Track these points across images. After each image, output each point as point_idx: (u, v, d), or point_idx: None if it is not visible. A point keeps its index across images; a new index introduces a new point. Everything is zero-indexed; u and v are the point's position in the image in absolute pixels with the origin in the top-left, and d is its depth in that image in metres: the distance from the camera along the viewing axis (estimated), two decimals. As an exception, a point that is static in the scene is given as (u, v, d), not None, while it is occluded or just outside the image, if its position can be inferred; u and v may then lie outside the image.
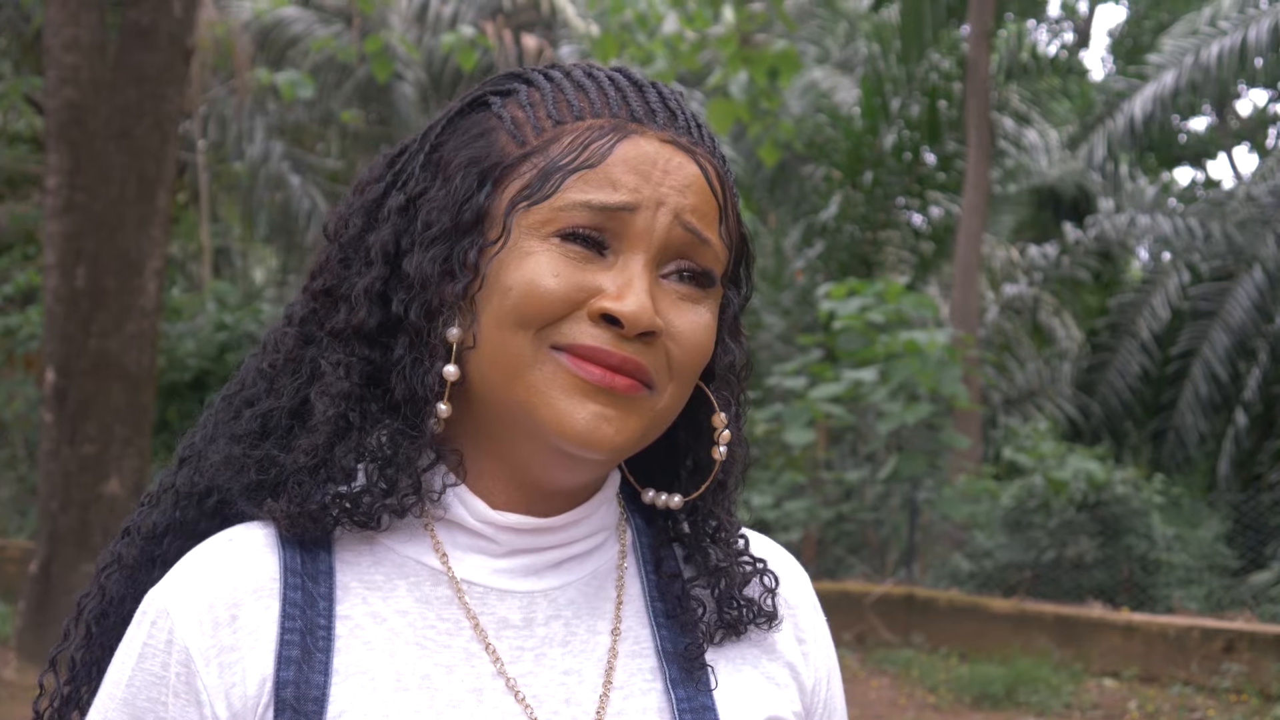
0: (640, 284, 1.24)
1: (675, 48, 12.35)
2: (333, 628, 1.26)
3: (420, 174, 1.33)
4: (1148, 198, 21.07)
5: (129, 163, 9.62)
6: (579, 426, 1.24)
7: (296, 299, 1.39)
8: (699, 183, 1.29)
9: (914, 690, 11.04)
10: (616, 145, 1.27)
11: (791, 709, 1.39)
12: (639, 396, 1.26)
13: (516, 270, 1.25)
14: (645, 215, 1.26)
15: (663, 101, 1.32)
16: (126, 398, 9.78)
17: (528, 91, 1.34)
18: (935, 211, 19.79)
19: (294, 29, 20.06)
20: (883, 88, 18.75)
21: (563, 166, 1.26)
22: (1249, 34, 18.08)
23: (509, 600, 1.31)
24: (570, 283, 1.24)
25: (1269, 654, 10.95)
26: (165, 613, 1.26)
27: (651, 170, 1.27)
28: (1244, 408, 18.30)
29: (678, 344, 1.27)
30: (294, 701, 1.22)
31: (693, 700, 1.32)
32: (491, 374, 1.26)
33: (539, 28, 21.39)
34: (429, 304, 1.28)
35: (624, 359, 1.24)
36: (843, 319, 13.96)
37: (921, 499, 13.62)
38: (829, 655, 1.48)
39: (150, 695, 1.25)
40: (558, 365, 1.24)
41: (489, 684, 1.27)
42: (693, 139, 1.31)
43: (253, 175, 19.98)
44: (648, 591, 1.38)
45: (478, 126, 1.33)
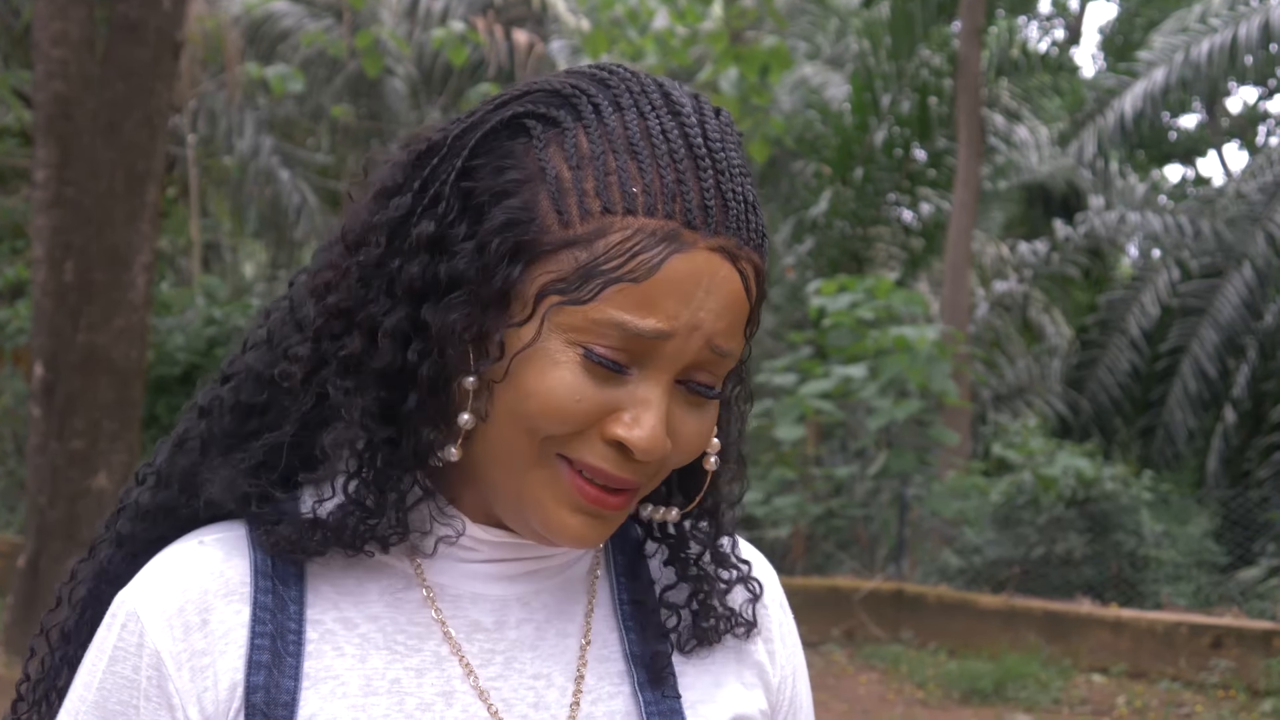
0: (658, 410, 1.21)
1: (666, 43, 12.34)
2: (303, 632, 1.26)
3: (450, 200, 1.24)
4: (1138, 195, 21.12)
5: (118, 157, 9.60)
6: (567, 532, 1.24)
7: (307, 305, 1.31)
8: (738, 299, 1.23)
9: (903, 686, 11.05)
10: (665, 261, 1.18)
11: (758, 707, 1.39)
12: (626, 502, 1.25)
13: (539, 378, 1.19)
14: (677, 343, 1.20)
15: (717, 184, 1.22)
16: (115, 392, 9.77)
17: (574, 135, 1.22)
18: (925, 208, 19.80)
19: (284, 23, 20.04)
20: (873, 84, 18.76)
21: (605, 272, 1.18)
22: (1239, 31, 18.09)
23: (481, 604, 1.31)
24: (590, 405, 1.19)
25: (1256, 650, 10.98)
26: (135, 616, 1.25)
27: (694, 292, 1.19)
28: (1233, 405, 18.33)
29: (677, 450, 1.25)
30: (264, 706, 1.22)
31: (660, 704, 1.32)
32: (492, 455, 1.24)
33: (529, 23, 21.37)
34: (445, 370, 1.22)
35: (624, 480, 1.23)
36: (833, 315, 13.97)
37: (911, 495, 13.63)
38: (796, 653, 1.47)
39: (122, 699, 1.25)
40: (557, 474, 1.22)
41: (459, 687, 1.27)
42: (741, 237, 1.23)
43: (242, 170, 19.96)
44: (617, 595, 1.37)
45: (516, 166, 1.23)
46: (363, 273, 1.26)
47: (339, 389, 1.25)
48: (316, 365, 1.27)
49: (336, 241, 1.30)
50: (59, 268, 9.65)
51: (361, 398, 1.24)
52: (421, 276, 1.23)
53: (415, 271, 1.23)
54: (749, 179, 1.26)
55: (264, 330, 1.36)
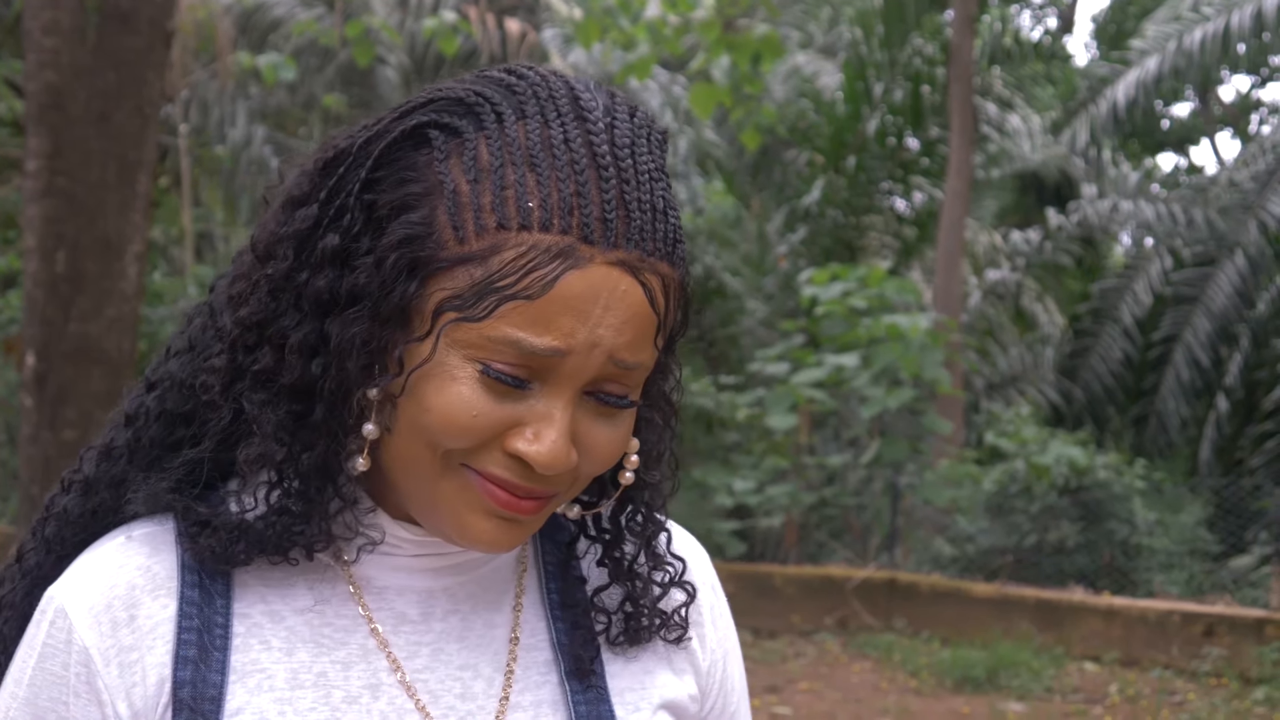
0: (560, 424, 1.20)
1: (658, 32, 12.32)
2: (230, 626, 1.26)
3: (354, 212, 1.23)
4: (1130, 183, 21.10)
5: (109, 147, 9.58)
6: (480, 537, 1.24)
7: (225, 311, 1.30)
8: (641, 312, 1.20)
9: (896, 674, 11.06)
10: (559, 278, 1.16)
11: (687, 692, 1.40)
12: (540, 509, 1.25)
13: (437, 394, 1.19)
14: (576, 359, 1.18)
15: (620, 194, 1.19)
16: (107, 382, 9.75)
17: (474, 145, 1.20)
18: (918, 197, 19.80)
19: (276, 12, 20.00)
20: (866, 73, 18.74)
21: (499, 289, 1.16)
22: (1232, 20, 18.10)
23: (407, 596, 1.32)
24: (489, 420, 1.19)
25: (1249, 638, 11.00)
26: (63, 612, 1.26)
27: (591, 309, 1.17)
28: (1225, 393, 18.35)
29: (587, 460, 1.24)
30: (191, 701, 1.22)
31: (587, 692, 1.32)
32: (400, 466, 1.24)
33: (521, 12, 21.35)
34: (345, 384, 1.22)
35: (530, 489, 1.22)
36: (825, 304, 13.98)
37: (904, 484, 13.64)
38: (728, 636, 1.47)
39: (51, 695, 1.25)
40: (466, 482, 1.22)
41: (385, 680, 1.28)
42: (645, 251, 1.20)
43: (235, 159, 19.93)
44: (544, 584, 1.38)
45: (418, 178, 1.21)
46: (272, 285, 1.25)
47: (253, 403, 1.25)
48: (233, 378, 1.27)
49: (248, 250, 1.30)
50: (50, 258, 9.63)
51: (274, 411, 1.24)
52: (328, 290, 1.22)
53: (321, 285, 1.22)
54: (660, 184, 1.23)
55: (186, 337, 1.36)
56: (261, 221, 1.30)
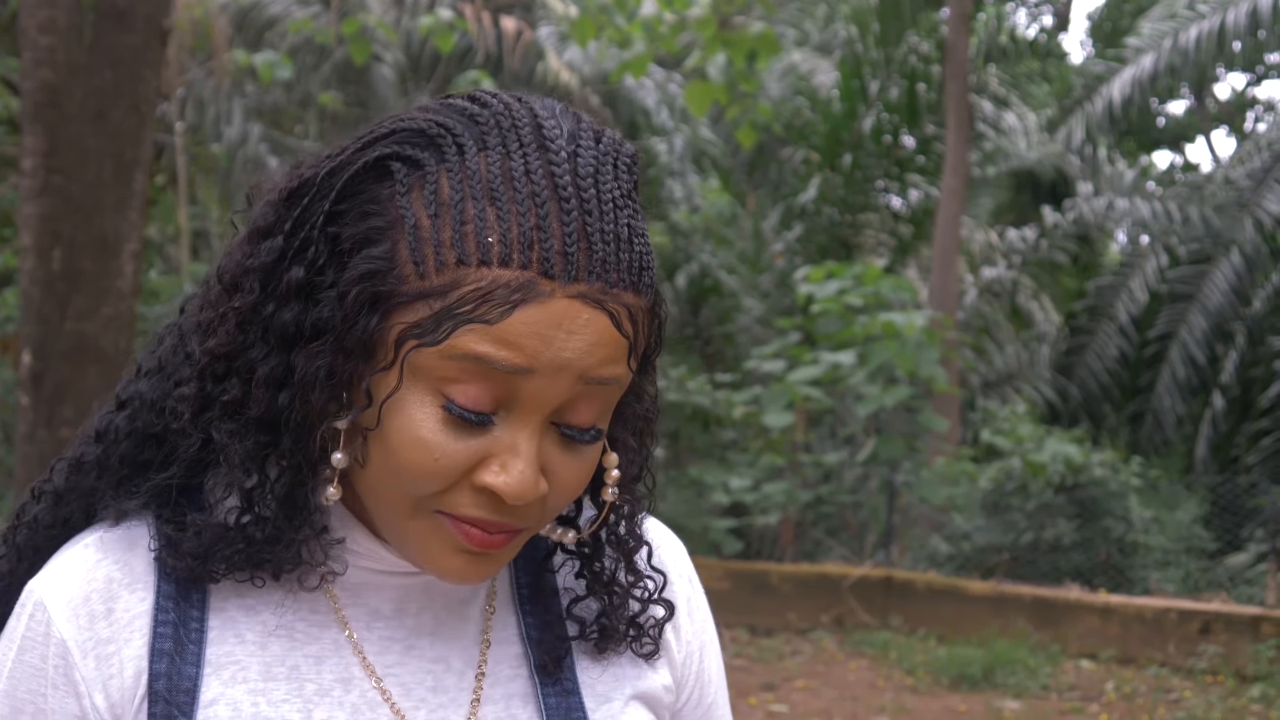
0: (528, 454, 1.19)
1: (654, 30, 12.32)
2: (206, 620, 1.28)
3: (318, 245, 1.22)
4: (1126, 181, 21.12)
5: (106, 145, 9.58)
6: (451, 574, 1.24)
7: (194, 342, 1.30)
8: (607, 335, 1.19)
9: (892, 672, 11.07)
10: (518, 308, 1.15)
11: (661, 683, 1.41)
12: (512, 543, 1.25)
13: (402, 433, 1.18)
14: (540, 381, 1.17)
15: (582, 226, 1.18)
16: (104, 381, 9.74)
17: (435, 179, 1.19)
18: (914, 194, 19.80)
19: (272, 10, 19.99)
20: (861, 71, 18.75)
21: (456, 315, 1.15)
22: (1227, 17, 18.11)
23: (382, 593, 1.33)
24: (453, 461, 1.18)
25: (1245, 635, 11.01)
26: (42, 605, 1.27)
27: (554, 334, 1.16)
28: (1221, 391, 18.37)
29: (555, 491, 1.24)
30: (166, 693, 1.24)
31: (557, 685, 1.34)
32: (373, 500, 1.24)
33: (517, 10, 21.34)
34: (310, 415, 1.22)
35: (503, 524, 1.22)
36: (821, 302, 13.99)
37: (900, 481, 13.65)
38: (705, 628, 1.48)
39: (30, 687, 1.26)
40: (437, 523, 1.22)
41: (356, 674, 1.29)
42: (606, 284, 1.18)
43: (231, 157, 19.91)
44: (514, 578, 1.39)
45: (379, 212, 1.20)
46: (239, 318, 1.25)
47: (222, 433, 1.25)
48: (202, 406, 1.27)
49: (215, 280, 1.30)
50: (47, 256, 9.63)
51: (241, 442, 1.24)
52: (294, 323, 1.22)
53: (287, 318, 1.22)
54: (625, 211, 1.21)
55: (156, 357, 1.36)
56: (228, 250, 1.30)
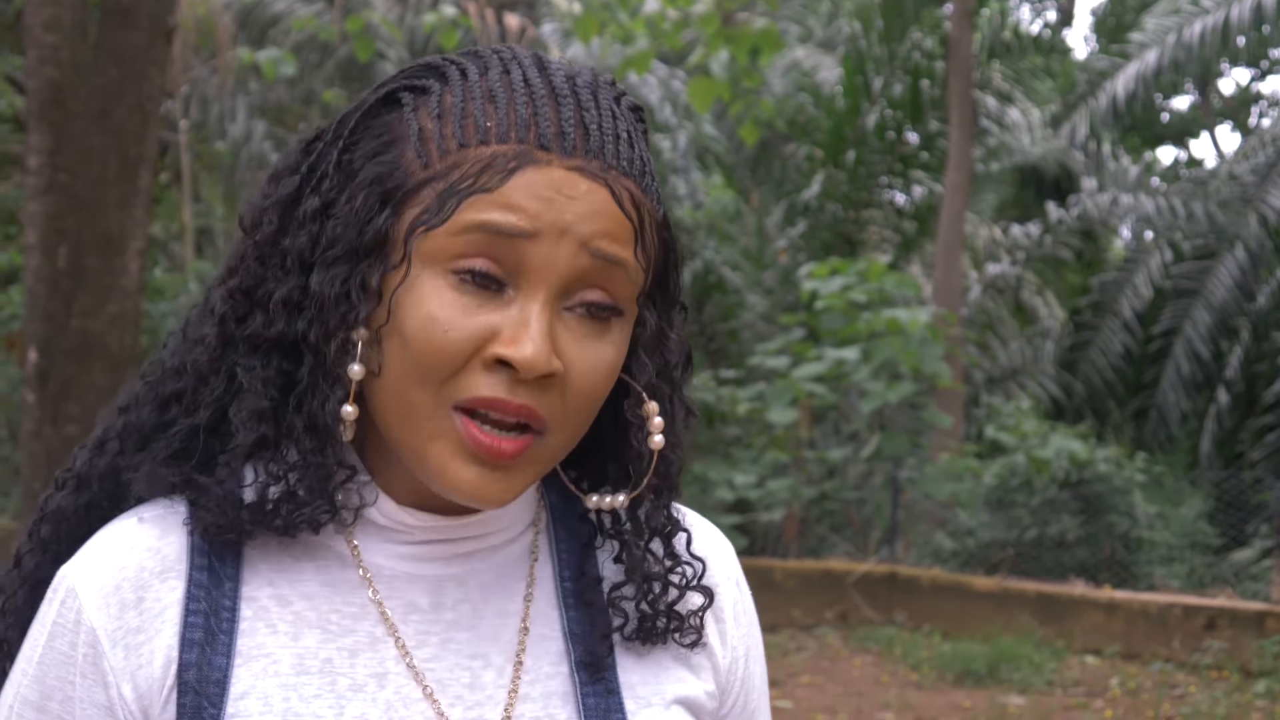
0: (538, 325, 1.19)
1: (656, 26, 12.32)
2: (238, 610, 1.26)
3: (333, 176, 1.28)
4: (1130, 177, 21.10)
5: (110, 143, 9.59)
6: (465, 486, 1.22)
7: (216, 289, 1.33)
8: (609, 207, 1.21)
9: (896, 668, 11.08)
10: (516, 172, 1.20)
11: (704, 689, 1.38)
12: (527, 450, 1.23)
13: (415, 313, 1.20)
14: (546, 245, 1.19)
15: (579, 116, 1.23)
16: (109, 378, 9.76)
17: (440, 94, 1.26)
18: (918, 190, 19.80)
19: (275, 8, 20.00)
20: (865, 67, 18.74)
21: (459, 191, 1.20)
22: (1231, 12, 18.10)
23: (417, 584, 1.31)
24: (465, 334, 1.20)
25: (1250, 631, 11.01)
26: (74, 592, 1.26)
27: (554, 197, 1.20)
28: (1226, 386, 18.37)
29: (573, 385, 1.23)
30: (195, 684, 1.23)
31: (597, 684, 1.31)
32: (391, 412, 1.24)
33: (521, 7, 21.36)
34: (327, 326, 1.24)
35: (519, 407, 1.20)
36: (825, 298, 13.99)
37: (904, 478, 13.65)
38: (750, 633, 1.46)
39: (59, 674, 1.26)
40: (452, 425, 1.21)
41: (392, 668, 1.27)
42: (604, 163, 1.22)
43: (235, 155, 19.92)
44: (558, 573, 1.36)
45: (388, 132, 1.27)
46: (259, 252, 1.29)
47: (245, 367, 1.27)
48: (223, 347, 1.29)
49: (238, 230, 1.34)
50: (52, 254, 9.64)
51: (264, 369, 1.26)
52: (309, 246, 1.26)
53: (303, 242, 1.27)
54: (625, 122, 1.27)
55: (180, 330, 1.37)
56: (249, 199, 1.34)
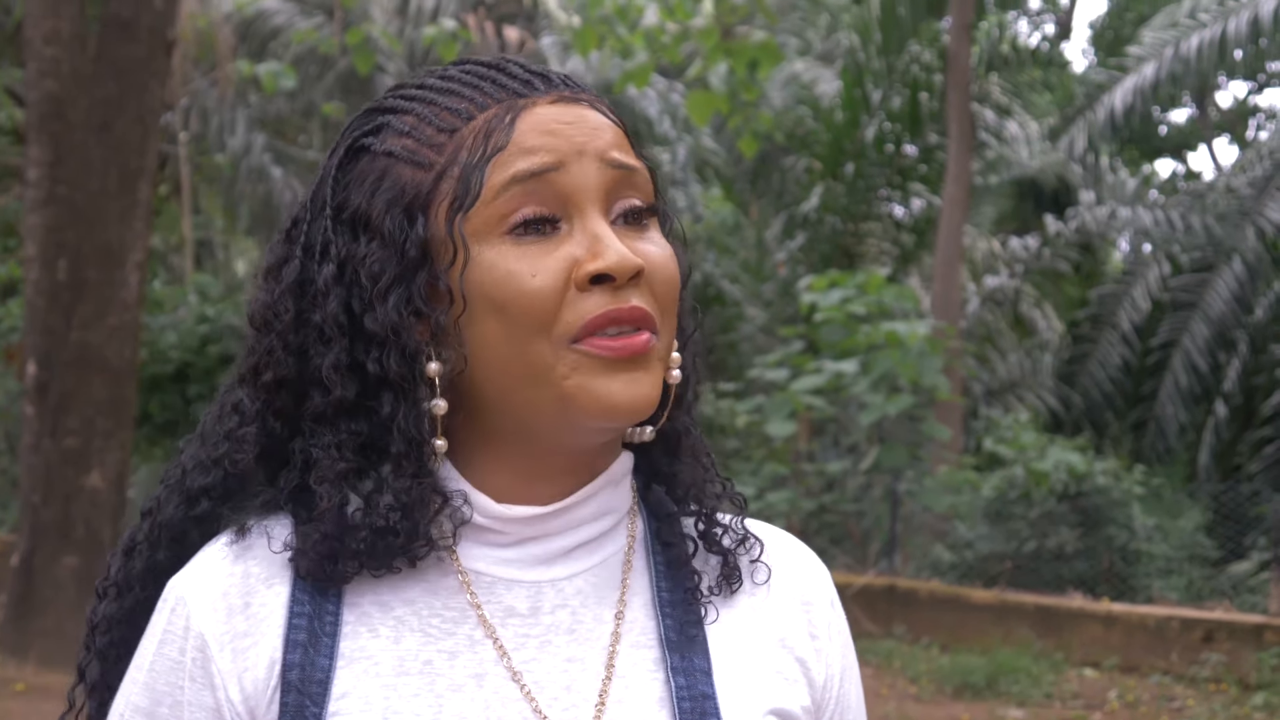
0: (606, 233, 1.27)
1: (656, 40, 12.35)
2: (340, 614, 1.30)
3: (339, 238, 1.32)
4: (1128, 189, 21.11)
5: (110, 155, 9.61)
6: (620, 400, 1.26)
7: (239, 390, 1.37)
8: (602, 121, 1.32)
9: (896, 681, 11.07)
10: (517, 120, 1.29)
11: (800, 703, 1.39)
12: (652, 347, 1.28)
13: (495, 287, 1.26)
14: (574, 170, 1.28)
15: (528, 70, 1.34)
16: (108, 390, 9.78)
17: (399, 119, 1.34)
18: (917, 203, 19.82)
19: (275, 21, 20.02)
20: (864, 80, 18.76)
21: (476, 163, 1.27)
22: (1228, 26, 18.13)
23: (516, 590, 1.33)
24: (550, 272, 1.25)
25: (1248, 644, 11.01)
26: (183, 600, 1.31)
27: (556, 127, 1.29)
28: (1224, 399, 18.37)
29: (656, 276, 1.29)
30: (299, 683, 1.27)
31: (693, 689, 1.32)
32: (507, 384, 1.28)
33: (520, 20, 21.39)
34: (405, 349, 1.28)
35: (632, 309, 1.26)
36: (824, 311, 13.98)
37: (903, 490, 13.65)
38: (845, 653, 1.47)
39: (169, 679, 1.31)
40: (581, 356, 1.26)
41: (491, 670, 1.30)
42: (575, 90, 1.33)
43: (235, 167, 19.94)
44: (655, 582, 1.39)
45: (373, 173, 1.33)
46: (284, 342, 1.33)
47: (320, 446, 1.30)
48: (265, 439, 1.33)
49: (249, 334, 1.37)
50: (52, 266, 9.66)
51: (335, 435, 1.30)
52: (343, 308, 1.30)
53: (334, 307, 1.30)
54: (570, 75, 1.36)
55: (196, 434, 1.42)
56: (251, 300, 1.38)
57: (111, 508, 9.85)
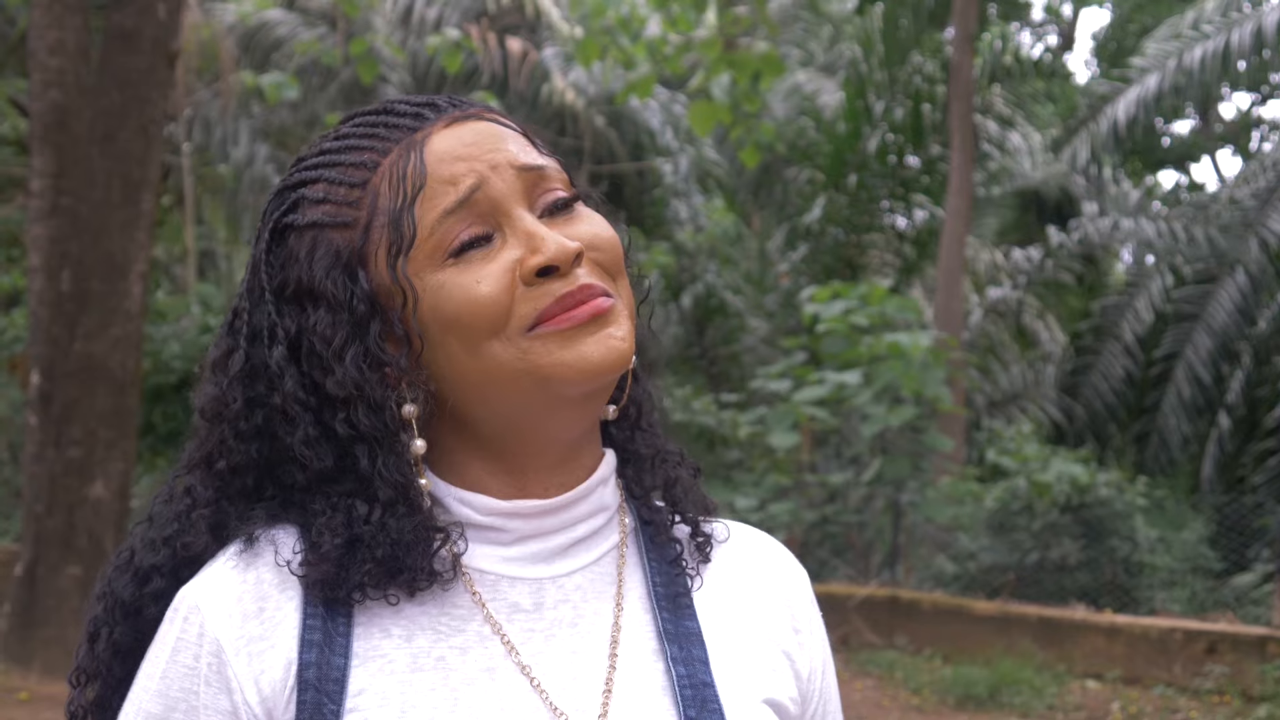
0: (540, 229, 1.32)
1: (658, 51, 12.37)
2: (352, 615, 1.34)
3: (284, 320, 1.37)
4: (1131, 201, 21.11)
5: (113, 166, 9.62)
6: (595, 359, 1.32)
7: (188, 476, 1.42)
8: (500, 131, 1.38)
9: (898, 692, 11.06)
10: (423, 155, 1.34)
11: (788, 694, 1.45)
12: (612, 304, 1.34)
13: (446, 306, 1.31)
14: (493, 183, 1.34)
15: (413, 104, 1.40)
16: (111, 401, 9.78)
17: (309, 189, 1.38)
18: (919, 215, 19.82)
19: (278, 32, 20.04)
20: (866, 91, 18.78)
21: (402, 206, 1.32)
22: (1232, 37, 18.12)
23: (519, 586, 1.38)
24: (493, 277, 1.31)
25: (1251, 655, 11.00)
26: (196, 608, 1.34)
27: (462, 149, 1.35)
28: (1227, 410, 18.35)
29: (597, 249, 1.36)
30: (316, 682, 1.30)
31: (693, 678, 1.38)
32: (481, 394, 1.34)
33: (523, 31, 21.40)
34: (371, 401, 1.33)
35: (582, 288, 1.32)
36: (827, 322, 13.98)
37: (905, 501, 13.64)
38: (824, 648, 1.53)
39: (184, 686, 1.33)
40: (544, 339, 1.31)
41: (501, 664, 1.34)
42: (463, 109, 1.39)
43: (237, 178, 19.95)
44: (649, 578, 1.44)
45: (302, 246, 1.37)
46: (235, 429, 1.38)
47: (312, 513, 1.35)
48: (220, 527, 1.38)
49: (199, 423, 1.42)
50: (55, 277, 9.67)
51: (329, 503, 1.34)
52: (301, 384, 1.35)
53: (290, 386, 1.35)
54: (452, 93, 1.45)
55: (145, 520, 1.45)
56: (198, 397, 1.42)
57: (115, 518, 9.86)
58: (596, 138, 19.75)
